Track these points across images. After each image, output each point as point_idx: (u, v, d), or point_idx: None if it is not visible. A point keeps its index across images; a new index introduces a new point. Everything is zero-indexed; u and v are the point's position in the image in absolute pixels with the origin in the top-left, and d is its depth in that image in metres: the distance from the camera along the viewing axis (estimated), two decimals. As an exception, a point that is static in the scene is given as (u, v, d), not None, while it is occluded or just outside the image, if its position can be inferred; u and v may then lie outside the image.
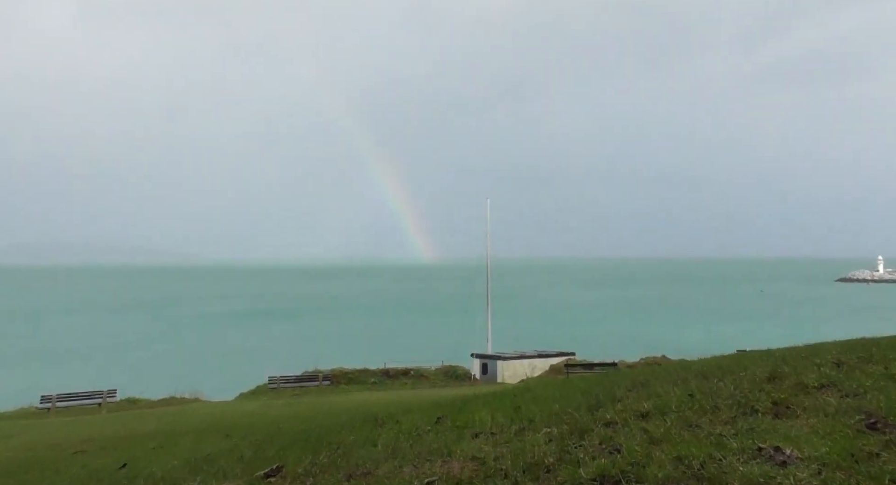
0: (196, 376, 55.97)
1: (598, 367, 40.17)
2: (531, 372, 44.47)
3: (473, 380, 44.04)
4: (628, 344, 77.12)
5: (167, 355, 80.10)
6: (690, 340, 78.59)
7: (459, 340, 52.06)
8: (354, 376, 42.49)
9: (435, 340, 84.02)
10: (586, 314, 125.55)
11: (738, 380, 8.19)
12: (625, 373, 15.14)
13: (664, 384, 8.92)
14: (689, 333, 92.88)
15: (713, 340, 74.18)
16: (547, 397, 10.61)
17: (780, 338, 44.06)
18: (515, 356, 46.45)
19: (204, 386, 42.94)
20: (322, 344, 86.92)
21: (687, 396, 7.65)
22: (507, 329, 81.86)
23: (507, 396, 12.97)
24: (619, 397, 8.56)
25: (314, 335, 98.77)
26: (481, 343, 49.92)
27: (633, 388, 9.26)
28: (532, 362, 45.55)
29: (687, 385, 8.52)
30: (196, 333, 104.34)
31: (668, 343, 68.82)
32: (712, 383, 8.28)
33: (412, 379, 42.96)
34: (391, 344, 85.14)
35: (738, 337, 76.92)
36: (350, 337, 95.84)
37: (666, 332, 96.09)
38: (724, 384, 8.03)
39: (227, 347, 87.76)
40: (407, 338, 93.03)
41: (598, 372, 34.38)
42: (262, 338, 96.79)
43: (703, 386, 8.16)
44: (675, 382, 9.07)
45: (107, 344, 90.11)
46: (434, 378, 43.34)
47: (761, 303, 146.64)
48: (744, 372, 8.74)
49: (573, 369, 40.46)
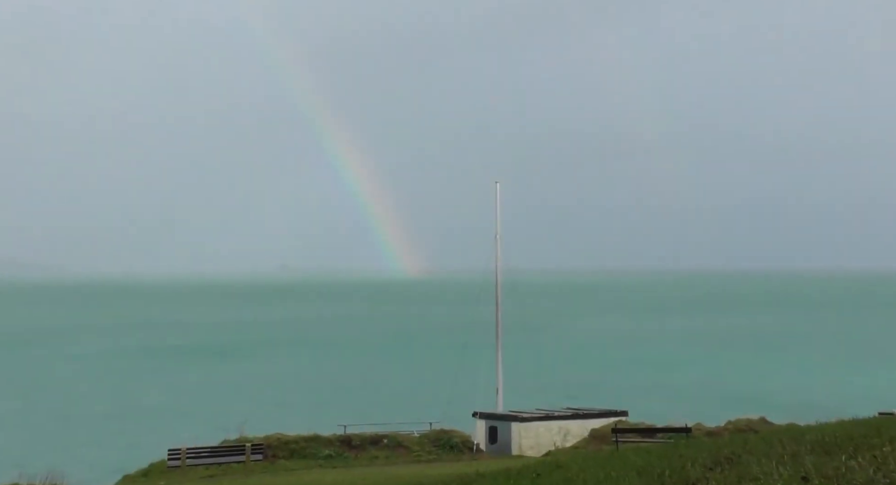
0: (57, 451, 55.64)
1: (662, 434, 40.14)
2: (562, 441, 44.42)
3: (477, 452, 43.90)
4: (707, 400, 77.28)
5: (12, 420, 79.82)
6: (804, 396, 78.91)
7: (456, 393, 51.98)
8: (300, 447, 42.40)
9: (420, 393, 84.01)
10: (642, 354, 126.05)
11: (880, 458, 8.08)
12: (703, 443, 15.06)
13: (763, 462, 8.82)
14: (801, 385, 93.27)
15: (840, 397, 74.37)
16: (586, 480, 10.51)
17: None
18: (539, 417, 46.47)
19: (69, 465, 42.70)
20: (251, 399, 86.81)
21: (799, 480, 7.55)
22: (526, 376, 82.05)
23: (526, 476, 12.81)
24: (696, 479, 8.52)
25: (239, 386, 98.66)
26: (488, 397, 49.92)
27: (715, 466, 9.19)
28: (564, 426, 45.56)
29: (799, 464, 8.41)
30: (59, 384, 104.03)
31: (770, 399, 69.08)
32: (839, 462, 8.17)
33: (386, 450, 42.89)
34: (355, 399, 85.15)
35: (880, 393, 77.08)
36: (293, 389, 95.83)
37: (764, 382, 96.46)
38: (859, 464, 7.91)
39: (107, 404, 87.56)
40: (379, 389, 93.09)
41: (662, 442, 34.31)
42: (161, 389, 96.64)
43: (825, 466, 8.06)
44: (781, 458, 8.96)
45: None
46: (418, 449, 43.27)
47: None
48: (889, 446, 8.67)
49: (625, 437, 40.41)
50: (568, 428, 45.34)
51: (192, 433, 49.70)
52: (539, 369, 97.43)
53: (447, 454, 42.97)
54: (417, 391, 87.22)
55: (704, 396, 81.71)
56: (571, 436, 44.87)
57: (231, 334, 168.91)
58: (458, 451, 43.54)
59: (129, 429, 71.86)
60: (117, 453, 52.99)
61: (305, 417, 65.21)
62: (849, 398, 68.00)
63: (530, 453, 42.65)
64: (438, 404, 52.86)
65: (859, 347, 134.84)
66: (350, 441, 43.50)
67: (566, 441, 44.45)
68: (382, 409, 71.08)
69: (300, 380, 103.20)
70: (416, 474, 29.99)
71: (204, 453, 41.24)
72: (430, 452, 43.18)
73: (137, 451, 46.28)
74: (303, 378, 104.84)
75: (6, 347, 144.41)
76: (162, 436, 54.30)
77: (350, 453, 42.64)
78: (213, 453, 41.42)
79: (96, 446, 63.77)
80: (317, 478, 34.73)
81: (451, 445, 43.98)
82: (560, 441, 44.37)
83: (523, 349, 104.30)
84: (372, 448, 43.11)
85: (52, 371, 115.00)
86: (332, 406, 77.54)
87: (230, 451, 41.44)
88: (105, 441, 66.20)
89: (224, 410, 75.47)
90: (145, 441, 52.91)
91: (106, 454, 56.86)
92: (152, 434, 62.52)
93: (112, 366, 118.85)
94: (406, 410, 65.95)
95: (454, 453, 43.26)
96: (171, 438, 48.70)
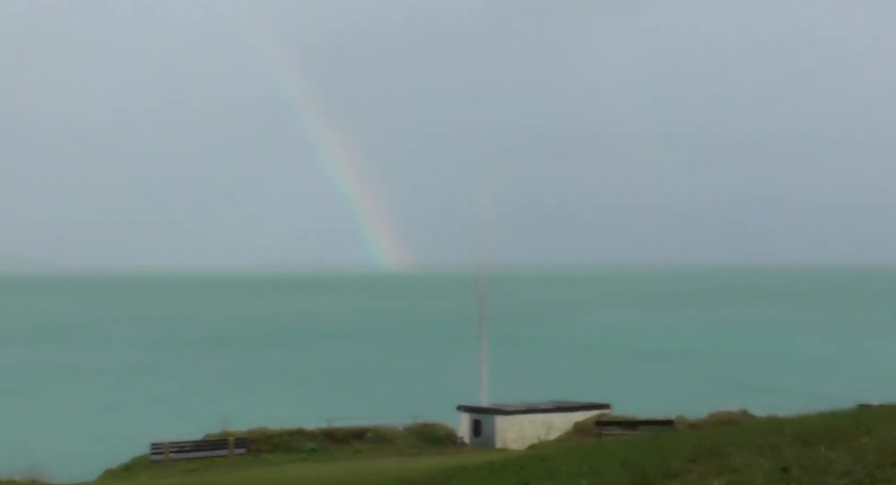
0: (36, 445, 55.33)
1: (644, 426, 40.25)
2: (545, 433, 44.46)
3: (460, 445, 43.97)
4: (689, 392, 77.62)
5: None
6: (785, 387, 79.29)
7: (440, 386, 52.10)
8: (283, 441, 42.35)
9: (404, 386, 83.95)
10: (628, 346, 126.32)
11: (858, 449, 8.05)
12: (685, 435, 15.13)
13: (744, 453, 8.82)
14: (782, 377, 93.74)
15: (820, 389, 74.76)
16: (570, 472, 10.54)
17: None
18: (522, 410, 46.50)
19: (49, 460, 42.52)
20: (234, 393, 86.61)
21: (779, 471, 7.52)
22: (513, 369, 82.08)
23: (510, 469, 12.85)
24: (677, 471, 8.51)
25: (223, 380, 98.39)
26: (472, 390, 49.96)
27: (697, 458, 9.18)
28: (547, 419, 45.61)
29: (779, 455, 8.41)
30: (38, 377, 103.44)
31: (750, 391, 69.38)
32: (818, 453, 8.17)
33: (369, 444, 42.83)
34: (339, 392, 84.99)
35: (859, 385, 77.60)
36: (277, 382, 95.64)
37: (746, 374, 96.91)
38: (837, 455, 7.87)
39: (89, 397, 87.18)
40: (362, 383, 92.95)
41: (644, 434, 34.40)
42: (144, 384, 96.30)
43: (804, 457, 8.04)
44: (762, 450, 8.98)
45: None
46: (401, 442, 43.27)
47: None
48: (867, 437, 8.62)
49: (608, 430, 40.54)
50: (551, 421, 45.39)
51: (176, 428, 49.56)
52: (523, 361, 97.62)
53: (431, 448, 42.94)
54: (402, 384, 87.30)
55: (686, 388, 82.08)
56: (555, 429, 44.90)
57: (214, 329, 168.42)
58: (442, 444, 43.52)
59: (110, 423, 71.56)
60: (99, 446, 52.72)
61: (289, 411, 65.20)
62: (825, 391, 68.44)
63: (514, 446, 42.65)
64: (422, 396, 52.97)
65: (837, 340, 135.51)
66: (334, 435, 43.45)
67: (550, 434, 44.43)
68: (366, 402, 71.05)
69: (284, 374, 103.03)
70: (399, 468, 30.00)
71: (187, 448, 41.10)
72: (413, 445, 43.18)
73: (117, 446, 46.05)
74: (286, 372, 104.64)
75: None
76: (144, 430, 54.09)
77: (334, 446, 42.57)
78: (196, 447, 41.29)
79: (75, 438, 63.50)
80: (300, 472, 34.72)
81: (435, 438, 43.97)
82: (543, 434, 44.36)
83: (508, 342, 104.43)
84: (356, 442, 43.07)
85: (32, 364, 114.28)
86: (315, 399, 77.48)
87: (213, 445, 41.33)
88: (86, 436, 65.91)
89: (206, 403, 75.28)
90: (127, 436, 52.67)
91: (86, 448, 56.59)
92: (134, 429, 62.25)
93: (91, 359, 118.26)
94: (390, 402, 66.01)
95: (438, 446, 43.23)
96: (154, 432, 48.53)
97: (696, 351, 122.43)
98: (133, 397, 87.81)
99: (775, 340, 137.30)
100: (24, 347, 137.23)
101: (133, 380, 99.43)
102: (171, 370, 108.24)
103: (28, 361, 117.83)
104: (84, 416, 77.07)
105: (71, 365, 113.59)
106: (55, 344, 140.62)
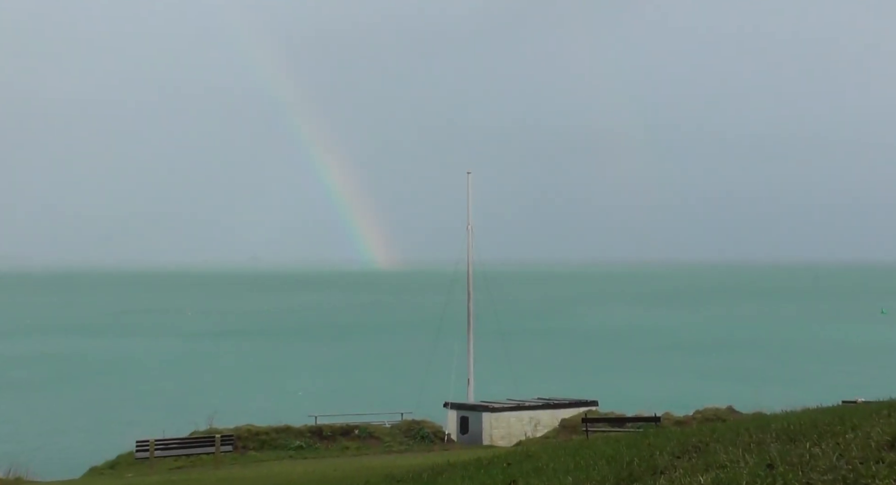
0: (19, 444, 55.04)
1: (631, 423, 40.37)
2: (532, 430, 44.59)
3: (448, 442, 44.07)
4: (677, 390, 77.78)
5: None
6: (770, 385, 79.47)
7: (427, 383, 52.07)
8: (270, 438, 42.35)
9: (391, 383, 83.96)
10: (616, 343, 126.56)
11: (843, 445, 8.14)
12: (671, 432, 15.14)
13: (730, 450, 8.91)
14: (767, 374, 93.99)
15: (805, 386, 75.03)
16: (557, 468, 10.55)
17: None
18: (510, 407, 46.60)
19: (33, 458, 42.34)
20: (221, 390, 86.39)
21: (764, 467, 7.59)
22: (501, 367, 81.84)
23: (497, 466, 12.85)
24: (664, 467, 8.55)
25: (209, 376, 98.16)
26: (459, 387, 49.99)
27: (683, 454, 9.25)
28: (534, 416, 45.72)
29: (765, 451, 8.49)
30: (20, 373, 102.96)
31: (736, 389, 69.48)
32: (803, 449, 8.25)
33: (356, 441, 42.91)
34: (326, 389, 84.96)
35: (844, 382, 77.92)
36: (263, 379, 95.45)
37: (733, 372, 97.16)
38: (823, 451, 8.00)
39: (72, 395, 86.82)
40: (349, 380, 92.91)
41: (631, 431, 34.51)
42: (128, 380, 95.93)
43: (790, 453, 8.13)
44: (747, 446, 9.05)
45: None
46: (389, 440, 43.35)
47: (882, 329, 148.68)
48: (852, 433, 8.71)
49: (595, 426, 40.63)
50: (538, 418, 45.54)
51: (161, 425, 49.39)
52: (510, 358, 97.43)
53: (418, 445, 43.07)
54: (389, 381, 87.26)
55: (674, 386, 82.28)
56: (542, 426, 45.07)
57: (198, 325, 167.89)
58: (430, 441, 43.63)
59: (92, 418, 71.26)
60: (82, 444, 52.57)
61: (276, 408, 65.08)
62: (811, 388, 68.81)
63: (501, 443, 42.78)
64: (410, 393, 52.91)
65: (823, 337, 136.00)
66: (321, 432, 43.48)
67: (537, 431, 44.61)
68: (353, 399, 71.02)
69: (270, 371, 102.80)
70: (387, 465, 30.00)
71: (173, 445, 40.96)
72: (401, 442, 43.27)
73: (101, 444, 45.90)
74: (273, 369, 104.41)
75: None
76: (127, 426, 53.96)
77: (321, 443, 42.63)
78: (182, 444, 41.16)
79: (59, 435, 63.22)
80: (287, 469, 34.66)
81: (423, 435, 44.06)
82: (531, 431, 44.52)
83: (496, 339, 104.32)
84: (343, 439, 43.13)
85: (14, 364, 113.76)
86: (302, 397, 77.38)
87: (200, 442, 41.19)
88: (69, 431, 65.64)
89: (191, 400, 75.09)
90: (110, 433, 52.51)
91: (70, 445, 56.40)
92: (116, 425, 62.08)
93: (72, 355, 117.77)
94: (377, 399, 65.99)
95: (425, 443, 43.36)
96: (140, 429, 48.38)
97: (690, 346, 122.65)
98: (119, 393, 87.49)
99: (777, 334, 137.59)
100: (4, 343, 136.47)
101: (119, 375, 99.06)
102: (158, 366, 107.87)
103: (9, 358, 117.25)
104: (68, 413, 76.73)
105: (55, 361, 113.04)
106: (37, 340, 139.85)
